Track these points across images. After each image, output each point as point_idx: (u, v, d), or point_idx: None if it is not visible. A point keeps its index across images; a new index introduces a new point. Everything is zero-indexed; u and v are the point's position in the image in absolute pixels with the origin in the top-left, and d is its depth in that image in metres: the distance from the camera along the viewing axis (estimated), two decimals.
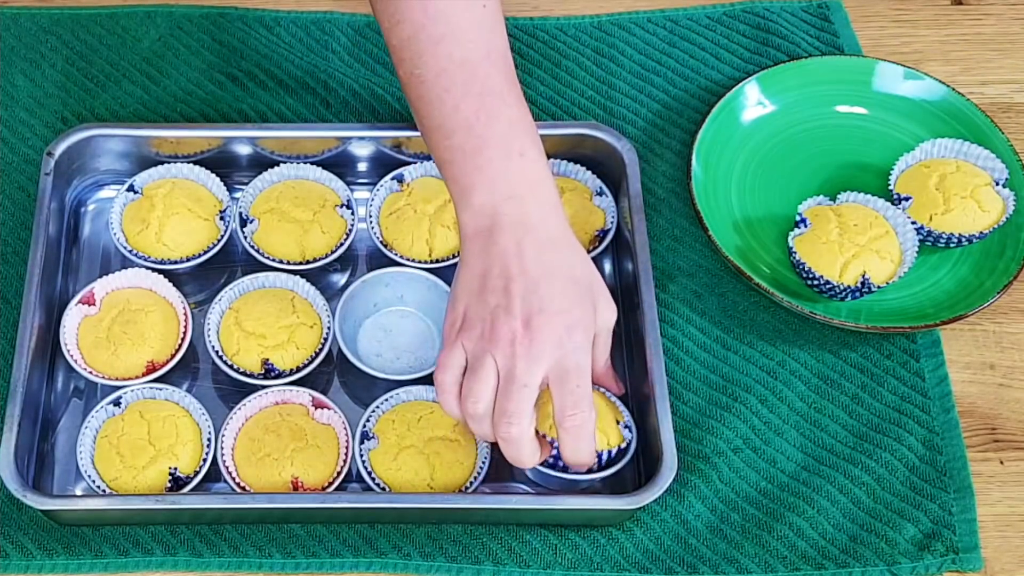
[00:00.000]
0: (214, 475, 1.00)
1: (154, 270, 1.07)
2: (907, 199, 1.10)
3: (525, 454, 0.92)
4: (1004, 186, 1.11)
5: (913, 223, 1.08)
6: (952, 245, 1.09)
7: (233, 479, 0.98)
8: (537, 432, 0.93)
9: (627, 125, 1.19)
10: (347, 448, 0.99)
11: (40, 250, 1.05)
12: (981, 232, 1.08)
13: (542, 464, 0.95)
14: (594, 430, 0.92)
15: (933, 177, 1.11)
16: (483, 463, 0.99)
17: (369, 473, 0.98)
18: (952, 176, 1.10)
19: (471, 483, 0.98)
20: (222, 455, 0.99)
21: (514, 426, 0.91)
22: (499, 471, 0.99)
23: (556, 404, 0.91)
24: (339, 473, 0.98)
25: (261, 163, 1.13)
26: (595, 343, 0.95)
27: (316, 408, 1.01)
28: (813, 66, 1.20)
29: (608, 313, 0.96)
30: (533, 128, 0.97)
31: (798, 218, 1.09)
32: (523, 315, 0.91)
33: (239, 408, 1.01)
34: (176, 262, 1.08)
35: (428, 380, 1.03)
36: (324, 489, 0.97)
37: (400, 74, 0.99)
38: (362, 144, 1.13)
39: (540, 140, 0.97)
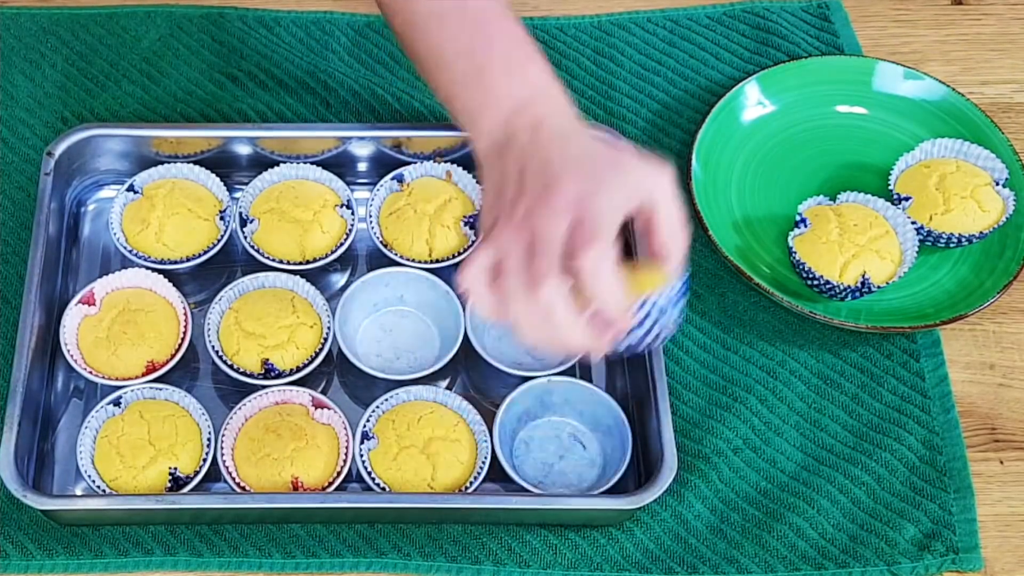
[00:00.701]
0: (214, 475, 1.00)
1: (154, 270, 1.07)
2: (907, 199, 1.10)
3: (562, 323, 0.83)
4: (1004, 186, 1.11)
5: (913, 223, 1.08)
6: (952, 245, 1.09)
7: (233, 479, 0.98)
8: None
9: (627, 125, 1.19)
10: (347, 448, 0.99)
11: (40, 250, 1.05)
12: (981, 232, 1.08)
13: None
14: (615, 269, 0.83)
15: (933, 177, 1.11)
16: (483, 463, 0.99)
17: (369, 473, 0.98)
18: (952, 176, 1.10)
19: (471, 483, 0.98)
20: (222, 455, 0.99)
21: (543, 287, 0.82)
22: (499, 471, 0.99)
23: (568, 242, 0.83)
24: (339, 473, 0.98)
25: (261, 163, 1.13)
26: (654, 213, 0.86)
27: (316, 408, 1.01)
28: (813, 66, 1.20)
29: (653, 179, 0.86)
30: (531, 41, 0.95)
31: (798, 218, 1.09)
32: (541, 187, 0.85)
33: (239, 408, 1.01)
34: (176, 262, 1.08)
35: (428, 380, 1.03)
36: (324, 489, 0.97)
37: (395, 28, 0.99)
38: (362, 144, 1.13)
39: (541, 49, 0.95)
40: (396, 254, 1.09)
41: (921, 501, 1.00)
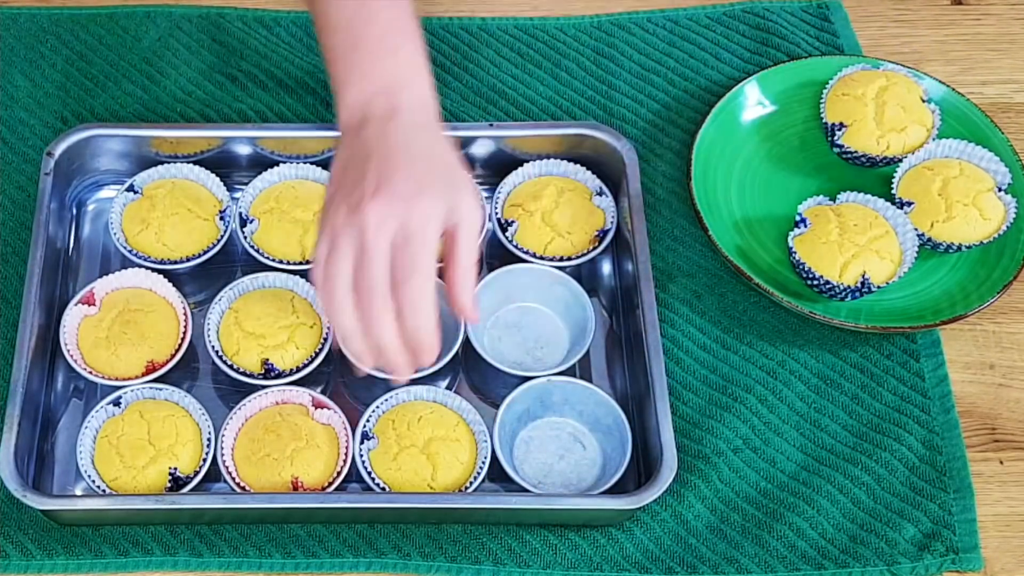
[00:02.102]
0: (214, 475, 1.00)
1: (154, 270, 1.07)
2: (909, 204, 1.10)
3: (388, 345, 0.89)
4: (1006, 191, 1.11)
5: (914, 230, 1.08)
6: (952, 251, 1.09)
7: (233, 479, 0.98)
8: None
9: (627, 125, 1.19)
10: (347, 448, 0.99)
11: (40, 250, 1.05)
12: (981, 241, 1.08)
13: None
14: (435, 309, 0.88)
15: (936, 182, 1.10)
16: (483, 463, 0.99)
17: (369, 473, 0.98)
18: (955, 181, 1.10)
19: (471, 483, 0.98)
20: (222, 455, 0.99)
21: (373, 306, 0.88)
22: (499, 470, 0.99)
23: (393, 267, 0.88)
24: (339, 473, 0.98)
25: (261, 163, 1.13)
26: (454, 240, 0.91)
27: (316, 408, 1.01)
28: (813, 66, 1.20)
29: (471, 209, 0.91)
30: (412, 27, 0.97)
31: (798, 218, 1.09)
32: (376, 182, 0.89)
33: (239, 408, 1.01)
34: (176, 262, 1.08)
35: (428, 380, 1.03)
36: (324, 489, 0.97)
37: None
38: None
39: (420, 37, 0.98)
40: None
41: (921, 501, 1.00)
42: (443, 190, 0.90)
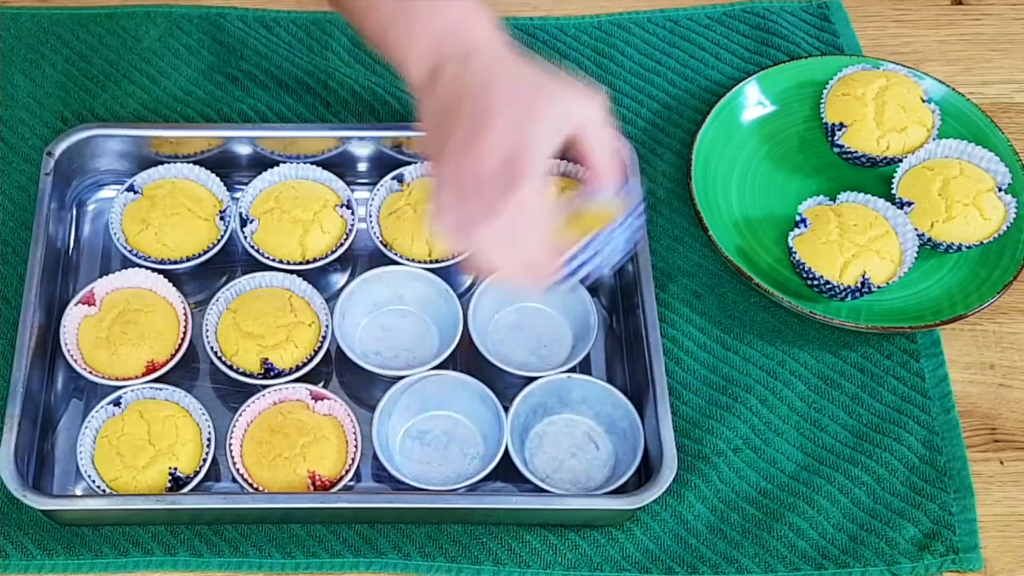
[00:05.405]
0: (214, 475, 1.00)
1: (154, 270, 1.07)
2: (909, 204, 1.10)
3: (528, 245, 0.86)
4: (1006, 191, 1.11)
5: (914, 230, 1.08)
6: (952, 251, 1.09)
7: (250, 484, 0.97)
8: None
9: (627, 125, 1.19)
10: (355, 435, 0.99)
11: (40, 250, 1.05)
12: (981, 241, 1.08)
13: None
14: (539, 210, 0.85)
15: (936, 182, 1.10)
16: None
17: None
18: (955, 181, 1.10)
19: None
20: (233, 463, 0.98)
21: (501, 215, 0.83)
22: (507, 465, 0.99)
23: (503, 177, 0.83)
24: (353, 460, 0.98)
25: (261, 163, 1.13)
26: (585, 138, 0.87)
27: (316, 401, 1.01)
28: (813, 66, 1.20)
29: (584, 106, 0.86)
30: None
31: (798, 218, 1.09)
32: (475, 122, 0.84)
33: (240, 414, 1.00)
34: (176, 262, 1.08)
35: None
36: (341, 479, 0.98)
37: None
38: (362, 144, 1.13)
39: None
40: (396, 254, 1.09)
41: (921, 501, 1.00)
42: (546, 109, 0.85)
